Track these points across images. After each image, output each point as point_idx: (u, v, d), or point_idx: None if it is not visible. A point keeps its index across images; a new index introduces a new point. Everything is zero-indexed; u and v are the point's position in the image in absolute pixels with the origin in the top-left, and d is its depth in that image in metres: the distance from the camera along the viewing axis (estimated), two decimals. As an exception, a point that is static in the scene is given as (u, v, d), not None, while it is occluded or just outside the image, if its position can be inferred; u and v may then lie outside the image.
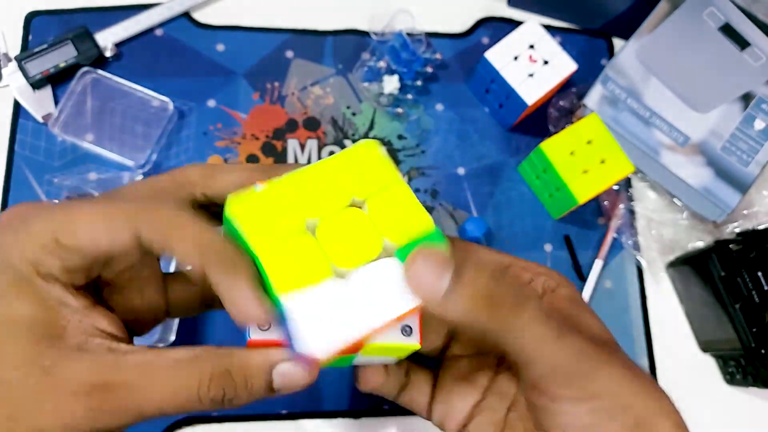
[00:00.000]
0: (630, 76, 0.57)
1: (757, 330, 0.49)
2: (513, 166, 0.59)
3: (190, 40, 0.58)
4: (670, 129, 0.56)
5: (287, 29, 0.60)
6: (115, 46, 0.56)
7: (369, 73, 0.59)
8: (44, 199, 0.53)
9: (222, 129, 0.56)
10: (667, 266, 0.58)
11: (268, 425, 0.51)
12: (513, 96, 0.54)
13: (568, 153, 0.53)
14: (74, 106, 0.55)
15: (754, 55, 0.58)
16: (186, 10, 0.58)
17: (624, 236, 0.58)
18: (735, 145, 0.56)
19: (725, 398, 0.56)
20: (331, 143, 0.57)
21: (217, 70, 0.58)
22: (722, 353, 0.54)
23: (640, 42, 0.58)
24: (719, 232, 0.57)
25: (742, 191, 0.56)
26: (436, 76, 0.60)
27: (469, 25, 0.62)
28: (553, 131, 0.58)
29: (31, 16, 0.57)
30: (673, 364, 0.56)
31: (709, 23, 0.58)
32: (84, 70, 0.55)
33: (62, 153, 0.54)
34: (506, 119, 0.58)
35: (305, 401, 0.51)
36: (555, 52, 0.54)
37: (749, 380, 0.51)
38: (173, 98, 0.55)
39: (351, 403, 0.52)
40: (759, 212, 0.57)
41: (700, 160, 0.56)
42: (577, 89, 0.58)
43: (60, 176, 0.53)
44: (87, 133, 0.54)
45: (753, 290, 0.49)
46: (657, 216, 0.59)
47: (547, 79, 0.54)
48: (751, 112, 0.57)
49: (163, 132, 0.55)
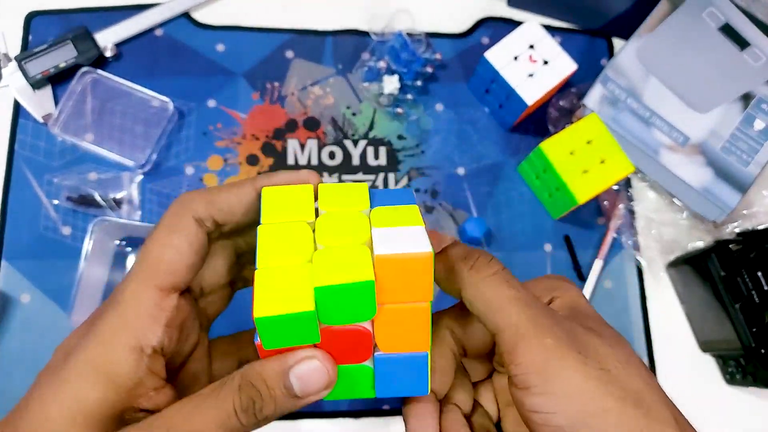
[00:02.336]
0: (630, 76, 0.57)
1: (757, 330, 0.49)
2: (513, 166, 0.59)
3: (189, 40, 0.58)
4: (670, 129, 0.56)
5: (287, 29, 0.60)
6: (115, 46, 0.56)
7: (369, 73, 0.59)
8: (44, 199, 0.53)
9: (222, 129, 0.56)
10: (667, 266, 0.58)
11: (268, 425, 0.50)
12: (513, 96, 0.54)
13: (568, 153, 0.53)
14: (74, 106, 0.55)
15: (753, 55, 0.58)
16: (186, 10, 0.58)
17: (624, 236, 0.58)
18: (735, 145, 0.56)
19: (725, 398, 0.56)
20: (331, 143, 0.57)
21: (217, 70, 0.58)
22: (722, 353, 0.54)
23: (640, 42, 0.58)
24: (719, 232, 0.57)
25: (741, 191, 0.56)
26: (436, 76, 0.60)
27: (469, 25, 0.62)
28: (553, 131, 0.58)
29: (31, 16, 0.57)
30: (673, 364, 0.56)
31: (709, 23, 0.58)
32: (84, 70, 0.55)
33: (62, 153, 0.54)
34: (506, 119, 0.58)
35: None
36: (555, 52, 0.54)
37: (749, 380, 0.51)
38: (173, 98, 0.55)
39: (351, 403, 0.52)
40: (759, 212, 0.57)
41: (700, 160, 0.56)
42: (577, 89, 0.58)
43: (60, 176, 0.53)
44: (87, 133, 0.54)
45: (753, 290, 0.49)
46: (657, 216, 0.59)
47: (547, 79, 0.54)
48: (750, 112, 0.57)
49: (163, 132, 0.55)
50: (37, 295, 0.51)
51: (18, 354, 0.50)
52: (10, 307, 0.50)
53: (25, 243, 0.52)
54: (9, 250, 0.52)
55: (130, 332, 0.23)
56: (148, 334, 0.23)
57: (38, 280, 0.51)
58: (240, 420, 0.22)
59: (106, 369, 0.22)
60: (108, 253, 0.52)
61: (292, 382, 0.22)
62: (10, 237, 0.52)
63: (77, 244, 0.52)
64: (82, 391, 0.22)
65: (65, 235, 0.52)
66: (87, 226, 0.51)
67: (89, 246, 0.50)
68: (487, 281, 0.23)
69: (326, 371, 0.22)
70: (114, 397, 0.22)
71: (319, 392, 0.22)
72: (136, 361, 0.22)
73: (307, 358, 0.22)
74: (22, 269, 0.51)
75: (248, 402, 0.22)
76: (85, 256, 0.50)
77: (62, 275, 0.51)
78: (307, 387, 0.22)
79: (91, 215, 0.53)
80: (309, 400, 0.22)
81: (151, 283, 0.24)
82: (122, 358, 0.22)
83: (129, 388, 0.22)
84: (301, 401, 0.22)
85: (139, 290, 0.23)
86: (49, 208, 0.53)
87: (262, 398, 0.22)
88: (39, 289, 0.51)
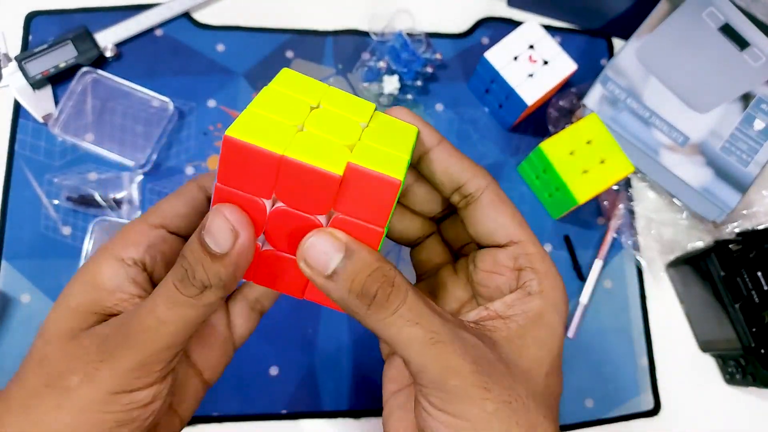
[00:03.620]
0: (630, 76, 0.57)
1: (756, 330, 0.49)
2: (513, 166, 0.59)
3: (190, 40, 0.58)
4: (670, 129, 0.56)
5: (287, 29, 0.60)
6: (115, 46, 0.56)
7: (369, 73, 0.59)
8: (44, 199, 0.53)
9: (222, 129, 0.56)
10: (667, 266, 0.58)
11: (268, 425, 0.51)
12: (513, 96, 0.54)
13: (568, 153, 0.53)
14: (74, 106, 0.55)
15: (753, 55, 0.58)
16: (186, 10, 0.58)
17: (624, 236, 0.58)
18: (735, 145, 0.56)
19: (725, 398, 0.56)
20: (331, 143, 0.57)
21: (217, 70, 0.58)
22: (722, 353, 0.54)
23: (640, 42, 0.58)
24: (719, 232, 0.57)
25: (741, 191, 0.56)
26: (436, 76, 0.60)
27: (469, 25, 0.62)
28: (552, 131, 0.58)
29: (31, 16, 0.57)
30: (672, 364, 0.56)
31: (708, 23, 0.58)
32: (84, 70, 0.55)
33: (62, 153, 0.54)
34: (506, 119, 0.58)
35: (305, 401, 0.51)
36: (555, 52, 0.54)
37: (749, 380, 0.51)
38: (173, 98, 0.55)
39: (351, 403, 0.52)
40: (758, 212, 0.57)
41: (700, 160, 0.56)
42: (576, 89, 0.58)
43: (60, 176, 0.53)
44: (87, 133, 0.54)
45: (752, 290, 0.49)
46: (657, 216, 0.59)
47: (547, 79, 0.54)
48: (750, 112, 0.57)
49: (163, 132, 0.55)
50: (37, 295, 0.51)
51: (18, 354, 0.50)
52: (10, 307, 0.51)
53: (26, 243, 0.52)
54: (9, 250, 0.52)
55: (114, 249, 0.26)
56: (129, 249, 0.26)
57: (38, 280, 0.51)
58: (180, 291, 0.23)
59: (90, 274, 0.26)
60: (108, 253, 0.52)
61: (205, 238, 0.22)
62: (10, 237, 0.52)
63: (77, 244, 0.52)
64: (71, 294, 0.26)
65: (65, 235, 0.52)
66: (87, 226, 0.51)
67: (89, 246, 0.50)
68: (389, 322, 0.23)
69: (229, 223, 0.22)
70: (95, 296, 0.26)
71: (236, 249, 0.22)
72: (116, 268, 0.26)
73: (213, 212, 0.22)
74: (22, 269, 0.51)
75: (181, 272, 0.23)
76: (85, 256, 0.50)
77: (62, 275, 0.51)
78: (218, 242, 0.22)
79: (91, 215, 0.53)
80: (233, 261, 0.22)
81: (143, 220, 0.27)
82: (104, 266, 0.26)
83: (109, 290, 0.26)
84: (226, 261, 0.22)
85: (131, 225, 0.27)
86: (49, 208, 0.53)
87: (189, 263, 0.23)
88: (39, 289, 0.51)
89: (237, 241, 0.22)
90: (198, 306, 0.23)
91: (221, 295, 0.23)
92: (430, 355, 0.23)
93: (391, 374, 0.29)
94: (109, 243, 0.27)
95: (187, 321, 0.24)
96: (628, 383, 0.55)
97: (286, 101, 0.23)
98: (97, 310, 0.26)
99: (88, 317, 0.25)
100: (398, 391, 0.28)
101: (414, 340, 0.23)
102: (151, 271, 0.27)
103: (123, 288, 0.26)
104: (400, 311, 0.23)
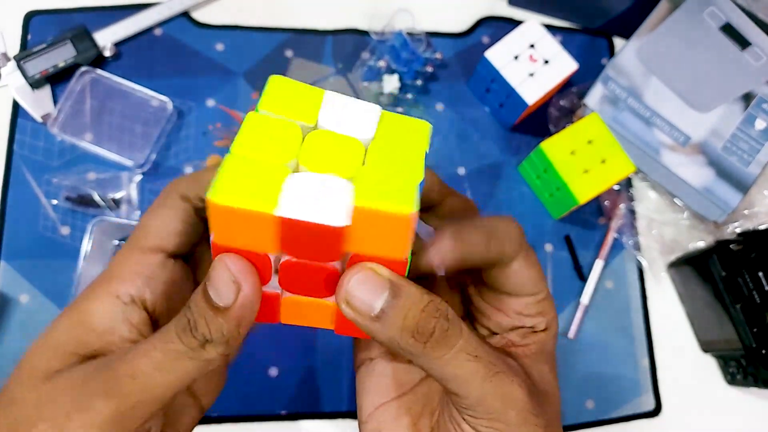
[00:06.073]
0: (631, 75, 0.57)
1: (757, 330, 0.49)
2: (513, 165, 0.59)
3: (189, 40, 0.58)
4: (671, 129, 0.56)
5: (287, 28, 0.60)
6: (114, 45, 0.56)
7: (369, 73, 0.58)
8: (42, 199, 0.53)
9: (221, 129, 0.56)
10: (668, 266, 0.58)
11: (268, 426, 0.50)
12: (513, 96, 0.54)
13: (569, 153, 0.53)
14: (73, 106, 0.54)
15: (754, 55, 0.57)
16: (185, 9, 0.58)
17: (625, 236, 0.57)
18: (736, 144, 0.56)
19: (726, 398, 0.55)
20: (331, 143, 0.57)
21: (217, 70, 0.58)
22: (723, 353, 0.54)
23: (641, 41, 0.57)
24: (720, 232, 0.57)
25: (742, 191, 0.55)
26: (436, 76, 0.60)
27: (469, 25, 0.62)
28: (553, 131, 0.58)
29: (30, 16, 0.57)
30: (673, 364, 0.56)
31: (709, 23, 0.58)
32: (83, 69, 0.54)
33: (61, 153, 0.54)
34: (507, 119, 0.58)
35: (305, 402, 0.51)
36: (555, 52, 0.54)
37: (750, 380, 0.51)
38: (172, 98, 0.55)
39: (351, 403, 0.51)
40: (760, 212, 0.57)
41: (701, 160, 0.56)
42: (577, 89, 0.58)
43: (59, 176, 0.53)
44: (86, 132, 0.54)
45: (754, 290, 0.49)
46: (658, 216, 0.58)
47: (548, 79, 0.54)
48: (751, 112, 0.56)
49: (162, 132, 0.55)
50: (36, 296, 0.51)
51: (17, 354, 0.49)
52: (8, 308, 0.50)
53: (24, 243, 0.52)
54: (7, 251, 0.51)
55: (110, 283, 0.24)
56: (126, 284, 0.24)
57: (37, 281, 0.51)
58: (182, 341, 0.21)
59: (79, 311, 0.24)
60: (107, 253, 0.52)
61: (208, 290, 0.21)
62: (8, 237, 0.52)
63: (76, 244, 0.52)
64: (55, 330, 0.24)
65: (64, 235, 0.52)
66: (86, 226, 0.51)
67: (88, 246, 0.50)
68: (448, 359, 0.22)
69: (231, 274, 0.21)
70: (81, 336, 0.23)
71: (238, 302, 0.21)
72: (109, 306, 0.24)
73: (216, 262, 0.21)
74: (21, 269, 0.51)
75: (185, 322, 0.21)
76: (84, 256, 0.50)
77: (61, 275, 0.51)
78: (220, 294, 0.21)
79: (90, 215, 0.53)
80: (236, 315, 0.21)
81: (137, 245, 0.25)
82: (96, 302, 0.24)
83: (99, 332, 0.23)
84: (229, 315, 0.21)
85: (125, 253, 0.25)
86: (48, 208, 0.53)
87: (193, 314, 0.21)
88: (38, 289, 0.51)
89: (240, 293, 0.21)
90: (198, 360, 0.22)
91: (223, 352, 0.22)
92: (490, 387, 0.23)
93: (370, 385, 0.28)
94: (105, 275, 0.25)
95: (183, 373, 0.22)
96: (629, 384, 0.55)
97: (274, 130, 0.21)
98: (82, 351, 0.23)
99: (69, 358, 0.23)
100: (387, 403, 0.27)
101: (476, 374, 0.22)
102: (153, 309, 0.25)
103: (115, 329, 0.24)
104: (458, 346, 0.22)
